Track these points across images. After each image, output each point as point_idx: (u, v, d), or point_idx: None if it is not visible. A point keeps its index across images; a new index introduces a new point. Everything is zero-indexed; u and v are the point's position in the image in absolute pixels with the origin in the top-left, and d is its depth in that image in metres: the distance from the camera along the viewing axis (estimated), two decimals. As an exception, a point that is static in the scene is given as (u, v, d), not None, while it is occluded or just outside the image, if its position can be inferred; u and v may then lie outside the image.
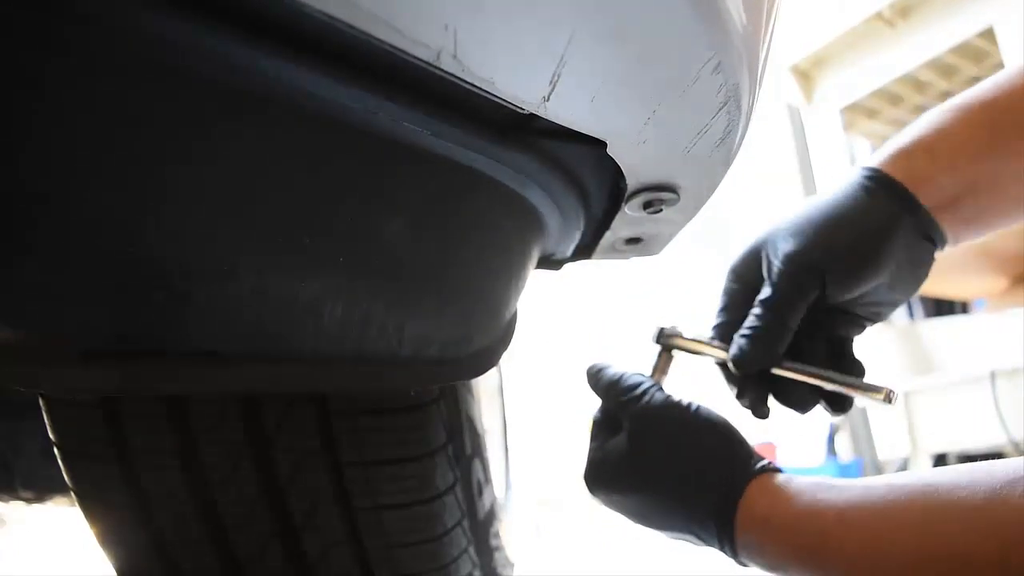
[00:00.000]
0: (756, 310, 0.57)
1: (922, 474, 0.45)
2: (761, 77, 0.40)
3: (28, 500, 1.02)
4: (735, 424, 0.57)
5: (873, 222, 0.55)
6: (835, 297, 0.56)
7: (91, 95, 0.26)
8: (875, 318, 0.61)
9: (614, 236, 0.53)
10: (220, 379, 0.40)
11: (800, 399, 0.59)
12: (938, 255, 0.58)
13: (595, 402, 0.64)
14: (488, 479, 0.69)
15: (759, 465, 0.53)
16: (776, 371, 0.57)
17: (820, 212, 0.57)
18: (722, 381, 0.63)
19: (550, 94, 0.31)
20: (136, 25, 0.25)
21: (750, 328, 0.57)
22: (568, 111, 0.33)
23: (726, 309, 0.61)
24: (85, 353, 0.35)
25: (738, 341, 0.57)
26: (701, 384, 0.72)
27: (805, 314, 0.57)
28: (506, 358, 0.52)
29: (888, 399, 0.53)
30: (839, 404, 0.59)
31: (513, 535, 0.80)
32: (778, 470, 0.53)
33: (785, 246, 0.57)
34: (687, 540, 0.56)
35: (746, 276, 0.60)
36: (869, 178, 0.56)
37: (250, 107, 0.29)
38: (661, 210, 0.46)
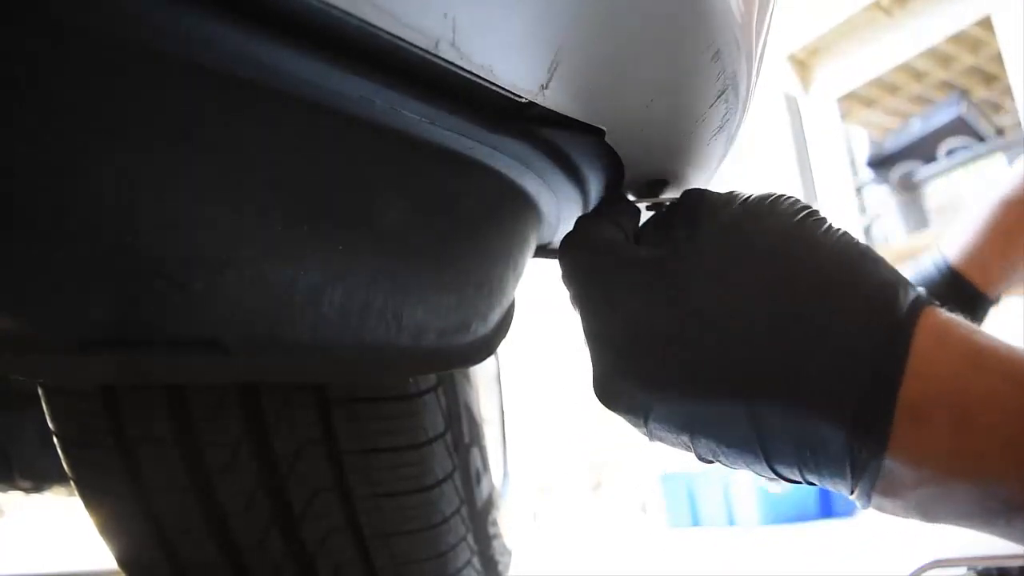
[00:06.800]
0: None
1: None
2: (759, 65, 0.40)
3: (27, 490, 1.03)
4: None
5: None
6: None
7: (86, 84, 0.26)
8: None
9: (612, 225, 0.53)
10: (220, 368, 0.40)
11: None
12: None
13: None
14: (486, 467, 0.69)
15: (918, 294, 0.32)
16: None
17: None
18: None
19: (548, 82, 0.31)
20: (129, 11, 0.25)
21: None
22: (566, 99, 0.33)
23: None
24: (84, 342, 0.35)
25: None
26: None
27: None
28: (504, 346, 0.53)
29: None
30: None
31: (511, 522, 0.81)
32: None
33: None
34: (780, 460, 0.32)
35: None
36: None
37: (245, 95, 0.29)
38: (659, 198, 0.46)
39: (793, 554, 1.48)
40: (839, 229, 0.34)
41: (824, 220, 0.35)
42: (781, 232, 0.34)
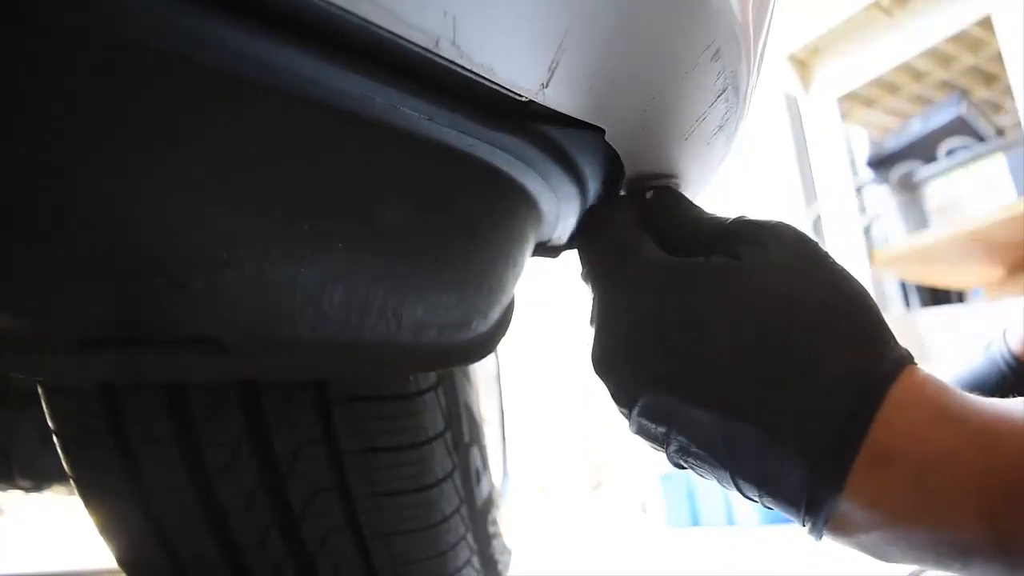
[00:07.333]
0: None
1: None
2: (759, 64, 0.40)
3: (26, 489, 1.03)
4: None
5: None
6: None
7: (86, 84, 0.26)
8: None
9: (612, 224, 0.53)
10: (220, 367, 0.40)
11: None
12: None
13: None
14: (486, 466, 0.69)
15: (902, 352, 0.34)
16: None
17: None
18: None
19: (549, 80, 0.31)
20: (129, 11, 0.25)
21: None
22: (566, 97, 0.33)
23: None
24: (84, 342, 0.35)
25: None
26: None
27: None
28: (504, 345, 0.53)
29: None
30: None
31: (511, 522, 0.81)
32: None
33: None
34: (744, 472, 0.34)
35: None
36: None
37: (246, 93, 0.29)
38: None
39: (793, 554, 1.48)
40: (847, 272, 0.36)
41: (835, 260, 0.37)
42: (796, 267, 0.36)
